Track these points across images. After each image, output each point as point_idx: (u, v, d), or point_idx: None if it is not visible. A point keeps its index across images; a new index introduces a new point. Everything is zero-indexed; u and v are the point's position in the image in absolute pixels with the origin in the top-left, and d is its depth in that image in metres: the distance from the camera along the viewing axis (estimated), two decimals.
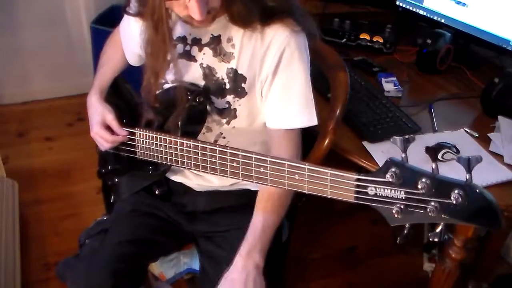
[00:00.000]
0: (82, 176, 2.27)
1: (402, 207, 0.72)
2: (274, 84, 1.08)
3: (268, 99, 1.10)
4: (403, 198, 0.72)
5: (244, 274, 1.02)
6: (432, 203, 0.69)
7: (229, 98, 1.12)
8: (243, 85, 1.10)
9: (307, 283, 1.92)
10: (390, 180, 0.72)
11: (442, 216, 0.69)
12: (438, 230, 0.72)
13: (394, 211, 0.73)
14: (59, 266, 1.25)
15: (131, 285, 1.16)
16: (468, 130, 1.39)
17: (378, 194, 0.74)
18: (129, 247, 1.17)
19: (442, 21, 1.75)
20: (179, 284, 1.40)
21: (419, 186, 0.70)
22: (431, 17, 1.78)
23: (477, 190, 0.67)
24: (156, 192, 1.26)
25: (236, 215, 1.23)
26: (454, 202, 0.67)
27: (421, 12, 1.82)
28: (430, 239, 0.72)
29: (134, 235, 1.20)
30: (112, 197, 1.35)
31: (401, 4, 1.88)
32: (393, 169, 0.72)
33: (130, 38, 1.22)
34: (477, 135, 1.37)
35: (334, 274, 1.96)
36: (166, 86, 1.17)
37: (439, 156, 1.20)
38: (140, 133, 1.15)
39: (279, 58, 1.06)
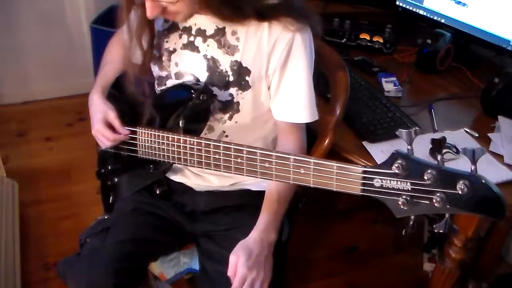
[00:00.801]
0: (82, 176, 2.26)
1: (408, 198, 0.73)
2: (283, 78, 1.10)
3: (278, 93, 1.12)
4: (409, 189, 0.73)
5: (261, 248, 1.03)
6: (438, 194, 0.70)
7: (233, 90, 1.12)
8: (247, 78, 1.10)
9: (308, 283, 1.92)
10: (397, 171, 0.72)
11: (448, 206, 0.70)
12: (443, 221, 0.72)
13: (400, 203, 0.74)
14: (59, 264, 1.24)
15: (132, 284, 1.17)
16: (468, 130, 1.39)
17: (384, 186, 0.75)
18: (130, 245, 1.17)
19: (442, 21, 1.75)
20: (179, 284, 1.39)
21: (425, 177, 0.71)
22: (431, 17, 1.79)
23: (483, 181, 0.67)
24: (157, 192, 1.26)
25: (236, 215, 1.23)
26: (459, 192, 0.68)
27: (421, 12, 1.82)
28: (435, 231, 0.72)
29: (136, 234, 1.20)
30: (111, 197, 1.35)
31: (401, 4, 1.88)
32: (399, 161, 0.72)
33: None
34: (477, 135, 1.38)
35: (335, 274, 1.96)
36: (170, 83, 1.18)
37: None
38: (142, 132, 1.14)
39: (288, 53, 1.07)
